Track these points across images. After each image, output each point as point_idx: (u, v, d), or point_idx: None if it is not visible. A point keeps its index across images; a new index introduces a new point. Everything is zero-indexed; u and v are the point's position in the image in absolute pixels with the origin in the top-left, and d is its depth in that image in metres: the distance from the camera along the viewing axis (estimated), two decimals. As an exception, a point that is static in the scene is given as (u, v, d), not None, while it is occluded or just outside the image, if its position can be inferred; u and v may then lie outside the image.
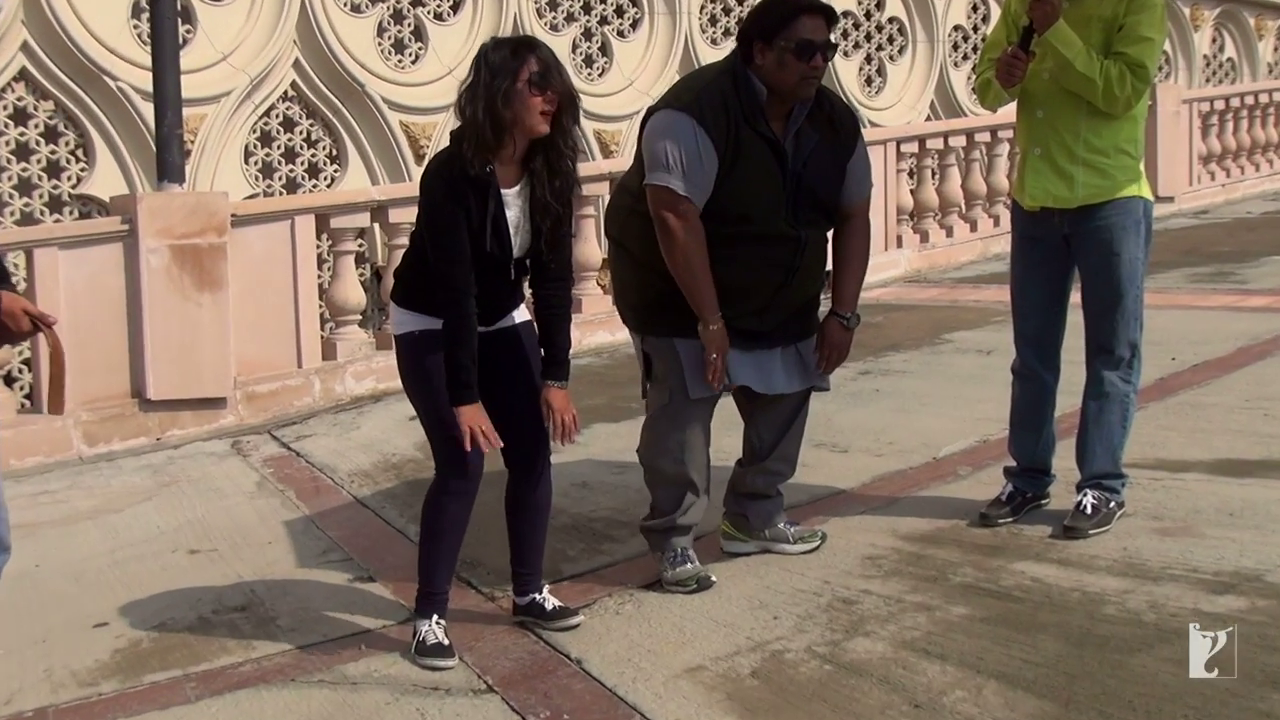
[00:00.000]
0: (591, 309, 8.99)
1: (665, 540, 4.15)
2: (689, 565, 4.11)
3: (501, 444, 3.66)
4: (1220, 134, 14.99)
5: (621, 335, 8.93)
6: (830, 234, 4.20)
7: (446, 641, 3.76)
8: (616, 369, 8.05)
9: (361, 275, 9.47)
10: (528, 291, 3.98)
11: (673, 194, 3.82)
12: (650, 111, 4.01)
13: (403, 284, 3.80)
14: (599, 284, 9.22)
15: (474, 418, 3.57)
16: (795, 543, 4.36)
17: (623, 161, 12.21)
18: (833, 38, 3.94)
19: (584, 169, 9.64)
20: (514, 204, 3.64)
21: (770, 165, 3.90)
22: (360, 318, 8.21)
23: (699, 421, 4.13)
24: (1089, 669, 3.26)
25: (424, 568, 3.84)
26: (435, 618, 3.80)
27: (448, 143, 3.67)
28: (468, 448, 3.58)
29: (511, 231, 3.64)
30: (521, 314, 3.92)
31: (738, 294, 3.97)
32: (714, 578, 4.11)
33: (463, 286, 3.55)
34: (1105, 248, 4.22)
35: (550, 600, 3.97)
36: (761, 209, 3.92)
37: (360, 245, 9.69)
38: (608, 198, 9.25)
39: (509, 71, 3.46)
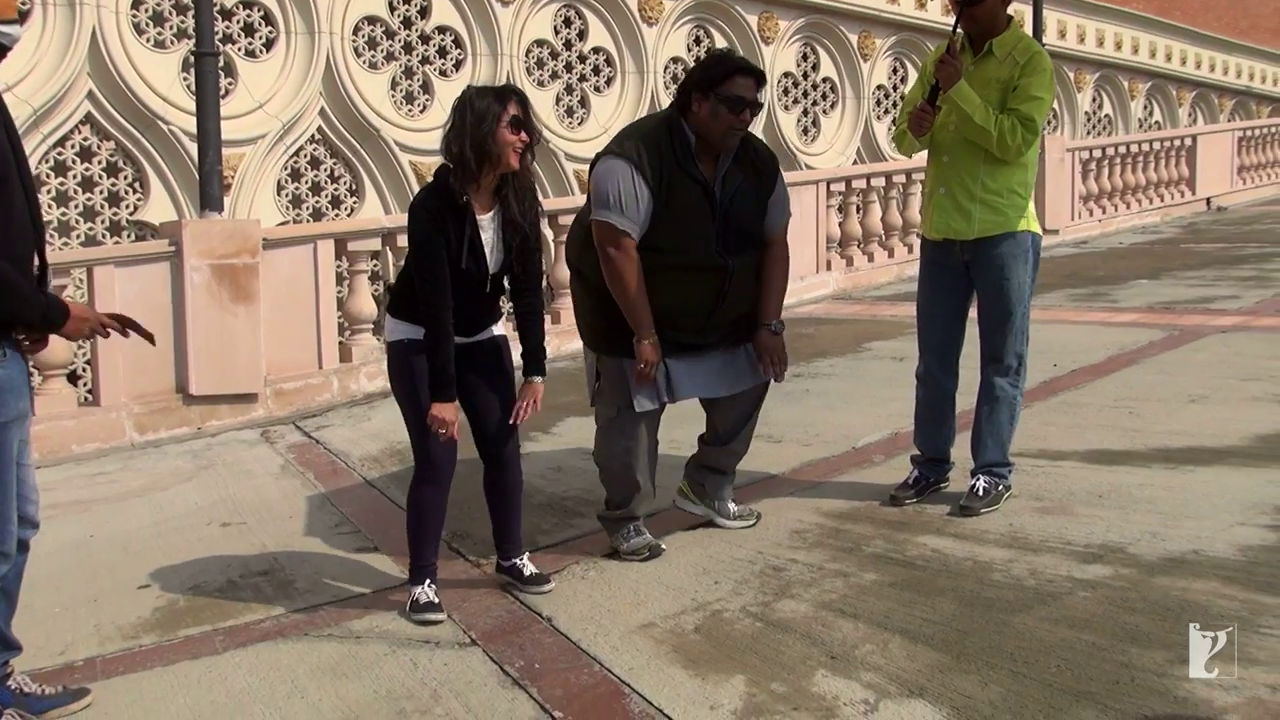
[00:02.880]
0: (568, 320, 8.95)
1: (619, 525, 4.15)
2: (641, 537, 4.11)
3: (455, 439, 3.67)
4: (1097, 178, 15.09)
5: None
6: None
7: (437, 600, 3.74)
8: (579, 373, 8.01)
9: (374, 291, 9.44)
10: (506, 308, 3.98)
11: (613, 229, 3.81)
12: (597, 156, 3.97)
13: (395, 297, 3.80)
14: (575, 300, 9.18)
15: (443, 412, 3.59)
16: (734, 519, 4.35)
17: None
18: (760, 98, 3.92)
19: (562, 203, 9.65)
20: (489, 227, 3.66)
21: (700, 203, 3.88)
22: (372, 326, 8.14)
23: (643, 429, 4.09)
24: (978, 626, 3.26)
25: (412, 545, 3.81)
26: (428, 582, 3.78)
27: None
28: (435, 434, 3.60)
29: (487, 251, 3.66)
30: (499, 329, 3.91)
31: (678, 314, 3.95)
32: (664, 546, 4.11)
33: (441, 301, 3.56)
34: (998, 273, 4.22)
35: (529, 567, 3.94)
36: (694, 241, 3.89)
37: (373, 265, 9.65)
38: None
39: (494, 114, 3.48)
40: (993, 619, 3.29)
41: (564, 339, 8.77)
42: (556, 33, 13.50)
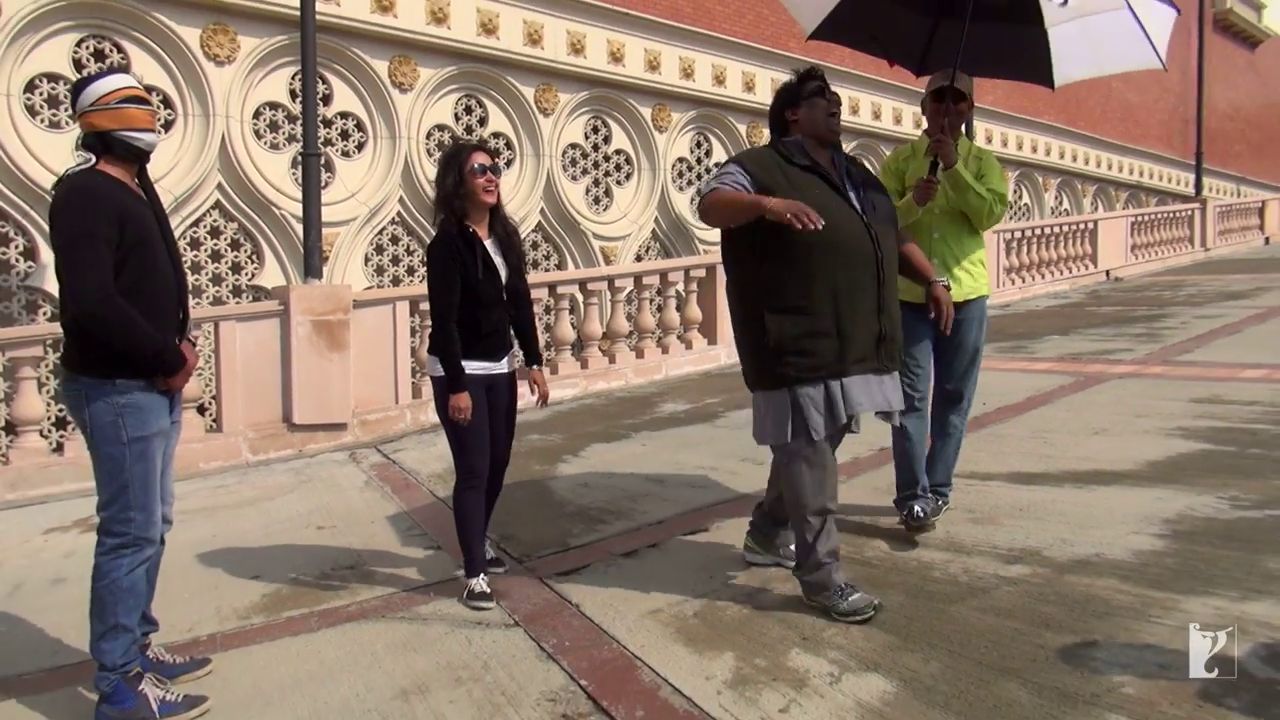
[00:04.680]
0: (594, 364, 8.97)
1: (826, 579, 3.32)
2: (857, 594, 3.28)
3: (478, 426, 3.73)
4: (1018, 253, 15.08)
5: (617, 383, 8.94)
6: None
7: (488, 590, 3.74)
8: (610, 406, 8.02)
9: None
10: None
11: (713, 189, 3.26)
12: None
13: (431, 340, 3.83)
14: (599, 349, 9.18)
15: (459, 400, 3.64)
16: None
17: (619, 265, 12.46)
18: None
19: (589, 272, 9.69)
20: (494, 250, 3.78)
21: (824, 186, 3.28)
22: (439, 370, 8.16)
23: (830, 452, 3.32)
24: (922, 614, 3.24)
25: (463, 542, 3.82)
26: (481, 575, 3.77)
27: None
28: (459, 422, 3.65)
29: (499, 266, 3.78)
30: (509, 364, 3.94)
31: (845, 309, 3.20)
32: (881, 602, 3.32)
33: (448, 309, 3.67)
34: (973, 331, 4.09)
35: (488, 552, 4.03)
36: (837, 213, 3.20)
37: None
38: (608, 294, 9.38)
39: (457, 166, 3.71)
40: (934, 608, 3.28)
41: (591, 380, 8.79)
42: (586, 137, 13.60)
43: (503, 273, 3.78)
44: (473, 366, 3.73)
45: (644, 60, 13.72)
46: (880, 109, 17.79)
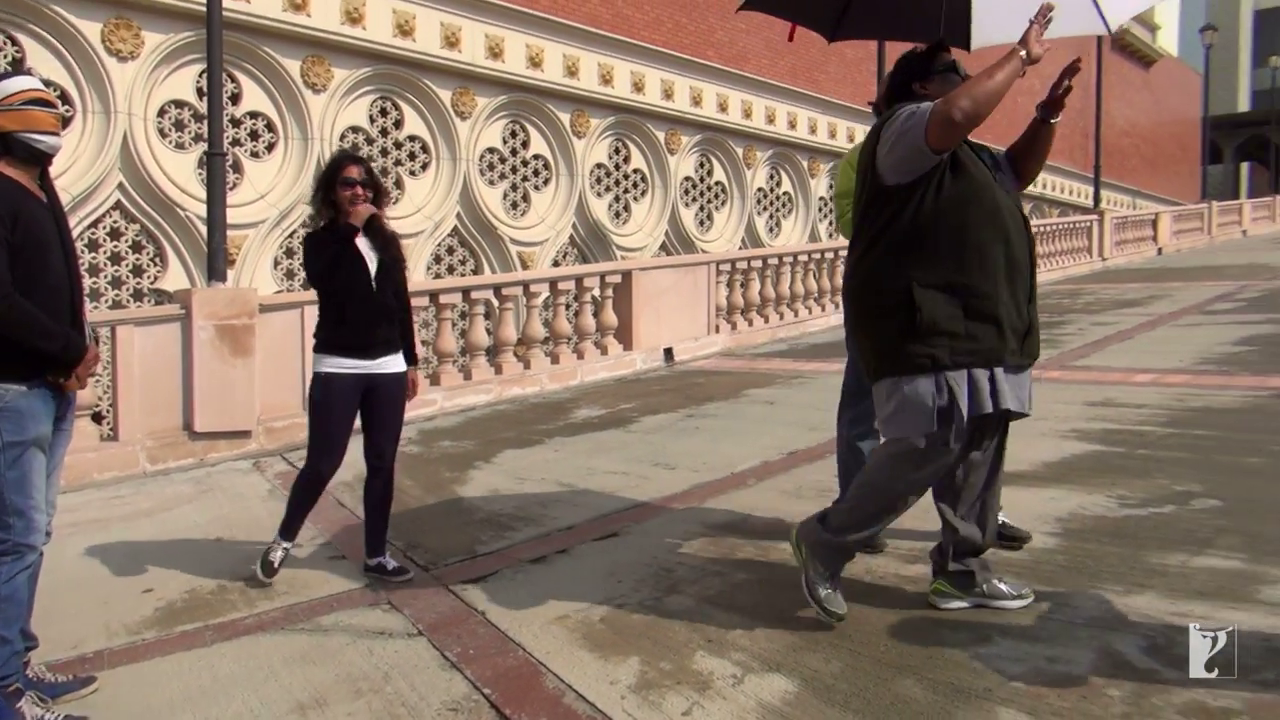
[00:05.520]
0: (509, 370, 8.90)
1: (838, 558, 3.17)
2: (839, 596, 3.17)
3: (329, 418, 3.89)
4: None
5: (532, 389, 8.87)
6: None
7: (277, 564, 4.03)
8: (525, 412, 7.96)
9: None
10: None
11: (939, 102, 2.82)
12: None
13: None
14: (514, 354, 9.12)
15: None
16: (1013, 599, 3.19)
17: (535, 270, 12.38)
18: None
19: (505, 277, 9.61)
20: (365, 245, 3.89)
21: (979, 162, 3.03)
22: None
23: (956, 454, 3.00)
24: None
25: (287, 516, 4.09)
26: (279, 547, 4.05)
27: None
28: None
29: (367, 259, 3.87)
30: (400, 364, 4.00)
31: (992, 286, 2.92)
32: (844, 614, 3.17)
33: (314, 284, 3.88)
34: None
35: (391, 562, 4.03)
36: (994, 192, 2.97)
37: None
38: (524, 300, 9.30)
39: (329, 175, 3.90)
40: (836, 609, 3.31)
41: (505, 386, 8.71)
42: (505, 142, 13.51)
43: (372, 266, 3.87)
44: (345, 364, 3.83)
45: (563, 65, 13.71)
46: (796, 118, 18.08)
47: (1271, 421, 5.64)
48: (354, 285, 3.83)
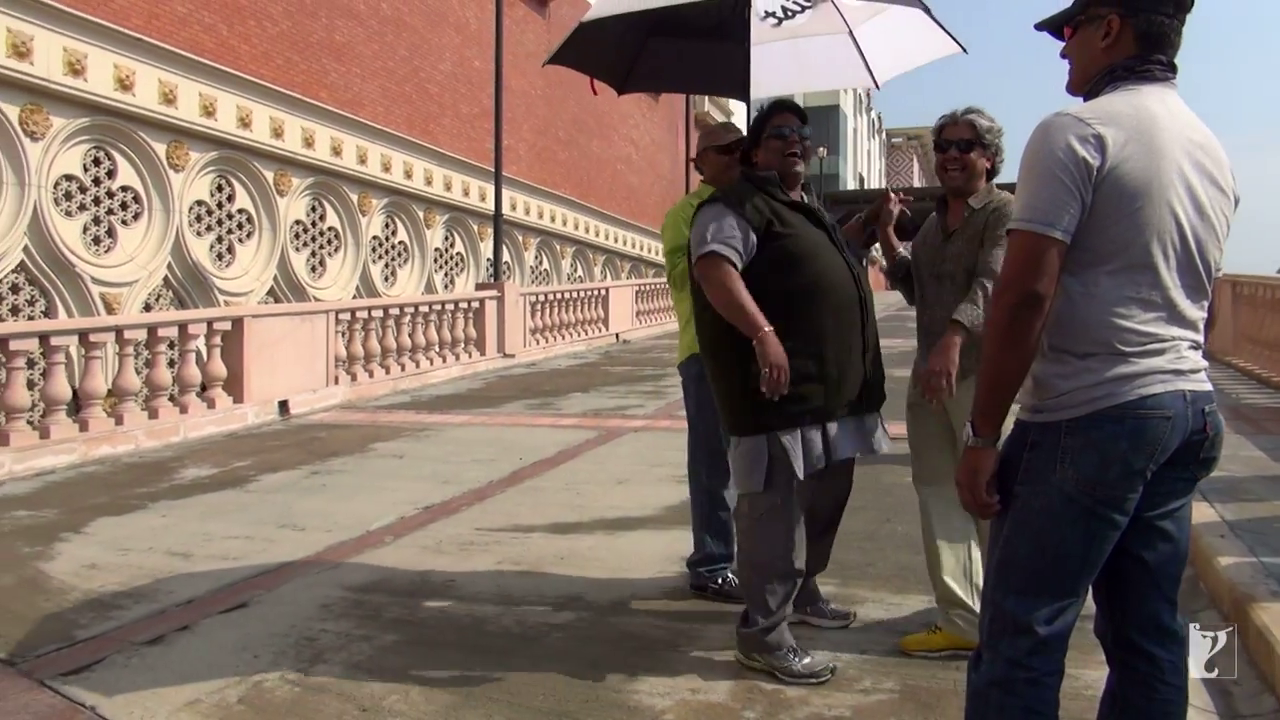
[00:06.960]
0: (97, 426, 7.87)
1: (777, 638, 3.13)
2: (811, 656, 3.14)
3: None
4: (542, 315, 16.10)
5: (126, 447, 7.89)
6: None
7: None
8: (119, 474, 7.09)
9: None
10: None
11: (713, 255, 3.02)
12: (694, 215, 3.23)
13: None
14: (104, 409, 8.09)
15: None
16: (831, 619, 3.56)
17: (129, 314, 11.05)
18: (805, 131, 3.28)
19: (93, 321, 8.56)
20: None
21: (812, 227, 3.17)
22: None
23: (800, 509, 3.14)
24: (480, 670, 3.26)
25: None
26: None
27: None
28: None
29: None
30: None
31: (834, 354, 3.07)
32: (836, 666, 3.17)
33: None
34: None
35: None
36: (822, 252, 3.12)
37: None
38: (115, 347, 8.30)
39: None
40: (491, 661, 3.33)
41: (91, 446, 7.69)
42: (86, 169, 11.98)
43: None
44: None
45: (159, 92, 12.54)
46: (412, 168, 18.05)
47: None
48: None
